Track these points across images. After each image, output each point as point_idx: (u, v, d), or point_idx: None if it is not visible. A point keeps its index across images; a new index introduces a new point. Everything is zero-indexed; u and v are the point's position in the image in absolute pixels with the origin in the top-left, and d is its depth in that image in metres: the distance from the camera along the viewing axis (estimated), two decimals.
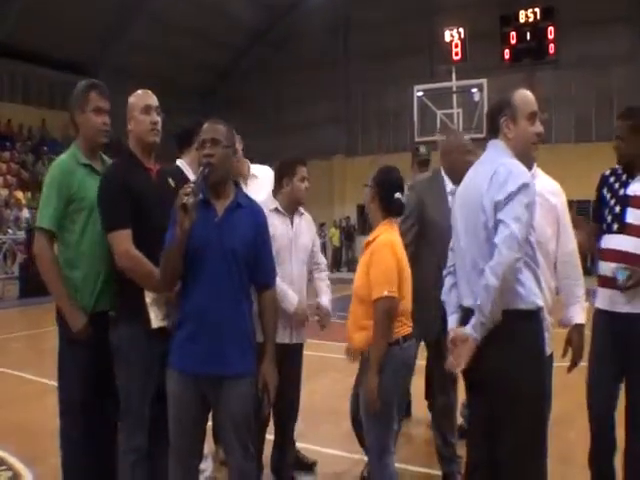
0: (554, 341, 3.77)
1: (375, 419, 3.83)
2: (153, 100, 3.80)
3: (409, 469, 5.01)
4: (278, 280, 3.94)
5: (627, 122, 4.08)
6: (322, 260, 4.82)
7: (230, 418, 3.33)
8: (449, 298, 3.42)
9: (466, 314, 3.21)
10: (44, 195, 3.83)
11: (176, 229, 3.15)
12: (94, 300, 3.79)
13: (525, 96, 3.23)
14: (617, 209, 4.09)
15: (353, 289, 4.00)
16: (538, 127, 3.23)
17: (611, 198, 4.16)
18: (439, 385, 4.84)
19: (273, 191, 4.59)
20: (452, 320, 3.34)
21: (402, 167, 5.01)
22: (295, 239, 4.50)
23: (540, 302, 3.13)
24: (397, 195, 3.94)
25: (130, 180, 3.61)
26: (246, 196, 3.58)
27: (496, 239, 2.97)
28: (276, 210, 4.45)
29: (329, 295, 4.67)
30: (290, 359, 4.31)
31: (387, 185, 3.96)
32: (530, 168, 3.30)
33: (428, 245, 4.59)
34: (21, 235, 19.80)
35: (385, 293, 3.70)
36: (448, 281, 3.47)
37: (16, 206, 22.30)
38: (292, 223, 4.52)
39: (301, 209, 4.63)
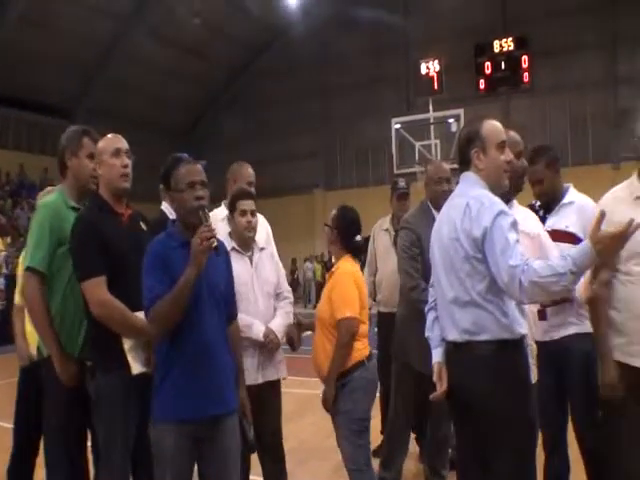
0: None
1: (353, 438, 4.11)
2: (123, 143, 3.77)
3: None
4: (241, 314, 4.07)
5: (541, 163, 4.21)
6: (284, 288, 4.64)
7: (229, 451, 3.32)
8: (432, 333, 3.41)
9: (450, 348, 3.22)
10: (34, 237, 3.77)
11: (188, 271, 3.11)
12: (80, 347, 3.73)
13: (493, 126, 3.24)
14: None
15: (317, 318, 4.30)
16: (508, 155, 3.24)
17: None
18: (435, 419, 4.78)
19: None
20: (436, 354, 3.34)
21: (382, 200, 5.03)
22: (257, 274, 4.43)
23: (523, 330, 3.13)
24: (357, 238, 4.31)
25: (101, 226, 3.56)
26: None
27: (501, 284, 2.95)
28: (233, 249, 4.37)
29: (283, 319, 4.47)
30: (262, 398, 4.23)
31: (349, 228, 4.31)
32: (505, 198, 3.30)
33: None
34: (0, 281, 19.47)
35: (347, 314, 4.04)
36: (430, 317, 3.47)
37: None
38: (251, 260, 4.46)
39: (260, 243, 4.56)
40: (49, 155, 28.68)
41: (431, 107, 20.52)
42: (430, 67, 21.49)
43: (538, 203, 4.39)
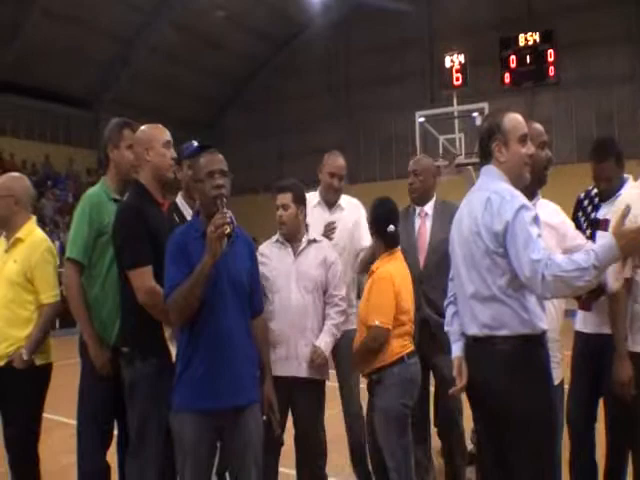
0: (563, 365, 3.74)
1: (392, 436, 4.07)
2: (170, 137, 3.85)
3: None
4: None
5: (611, 160, 4.13)
6: (335, 292, 4.41)
7: (249, 444, 3.32)
8: (452, 327, 3.39)
9: (469, 342, 3.20)
10: (75, 227, 3.88)
11: (204, 260, 3.11)
12: (115, 334, 3.81)
13: (515, 119, 3.20)
14: (588, 232, 4.15)
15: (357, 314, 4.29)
16: (530, 149, 3.20)
17: (584, 221, 4.18)
18: (449, 412, 4.77)
19: None
20: (456, 348, 3.31)
21: (405, 193, 5.03)
22: (297, 267, 4.32)
23: (544, 325, 3.09)
24: (390, 228, 4.18)
25: (146, 214, 3.61)
26: (238, 226, 3.56)
27: (522, 278, 2.93)
28: (277, 241, 4.41)
29: (328, 335, 4.32)
30: (283, 392, 4.12)
31: (380, 220, 4.22)
32: (530, 191, 3.27)
33: None
34: None
35: (377, 322, 4.00)
36: (449, 311, 3.44)
37: None
38: (295, 251, 4.38)
39: (313, 236, 4.47)
40: (74, 146, 29.02)
41: (455, 101, 20.40)
42: (454, 60, 21.37)
43: (594, 191, 4.33)
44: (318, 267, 4.38)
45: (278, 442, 4.10)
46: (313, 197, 4.97)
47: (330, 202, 5.04)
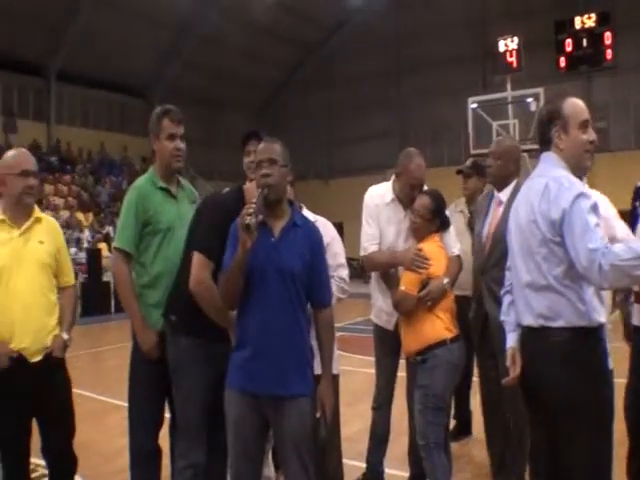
0: (615, 356, 3.67)
1: (426, 413, 4.20)
2: None
3: None
4: None
5: None
6: (334, 262, 4.31)
7: (290, 436, 3.29)
8: (508, 317, 3.34)
9: (524, 332, 3.16)
10: (122, 217, 3.96)
11: (238, 250, 3.13)
12: (162, 322, 3.86)
13: (575, 104, 3.13)
14: None
15: None
16: (591, 135, 3.12)
17: None
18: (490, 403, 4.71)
19: None
20: (511, 338, 3.27)
21: (457, 181, 4.96)
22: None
23: (602, 319, 3.03)
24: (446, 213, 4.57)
25: (233, 217, 3.52)
26: (302, 215, 3.54)
27: (579, 268, 2.86)
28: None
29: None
30: None
31: (442, 209, 4.48)
32: (581, 179, 3.19)
33: None
34: (82, 255, 20.04)
35: (402, 288, 4.27)
36: (506, 300, 3.39)
37: (77, 227, 22.68)
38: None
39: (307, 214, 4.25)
40: (128, 134, 29.47)
41: (509, 86, 20.12)
42: (508, 44, 21.07)
43: None
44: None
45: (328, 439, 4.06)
46: (387, 192, 4.72)
47: (407, 202, 4.64)
